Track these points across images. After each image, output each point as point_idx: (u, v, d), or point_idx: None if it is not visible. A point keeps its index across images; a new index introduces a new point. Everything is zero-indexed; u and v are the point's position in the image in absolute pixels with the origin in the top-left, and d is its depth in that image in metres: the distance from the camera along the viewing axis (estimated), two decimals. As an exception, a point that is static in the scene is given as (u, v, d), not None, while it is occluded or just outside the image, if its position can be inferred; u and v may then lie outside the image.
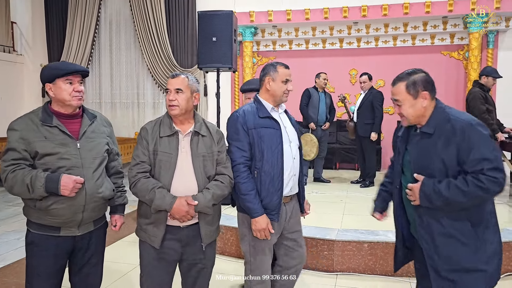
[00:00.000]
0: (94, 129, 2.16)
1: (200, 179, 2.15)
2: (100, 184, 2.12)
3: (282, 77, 2.39)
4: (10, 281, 3.47)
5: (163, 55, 8.40)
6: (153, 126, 2.18)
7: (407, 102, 1.99)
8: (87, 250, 2.18)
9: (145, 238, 2.17)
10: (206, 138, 2.21)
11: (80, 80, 2.10)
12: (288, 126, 2.47)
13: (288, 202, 2.46)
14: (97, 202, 2.12)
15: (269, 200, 2.33)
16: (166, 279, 2.22)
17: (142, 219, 2.20)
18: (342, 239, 3.63)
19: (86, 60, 8.95)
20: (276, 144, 2.33)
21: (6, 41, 8.86)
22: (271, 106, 2.42)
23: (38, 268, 2.08)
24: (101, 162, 2.15)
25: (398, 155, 2.11)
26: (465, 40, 7.61)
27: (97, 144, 2.15)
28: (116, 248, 4.32)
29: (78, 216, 2.05)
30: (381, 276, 3.54)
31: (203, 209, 2.12)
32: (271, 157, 2.32)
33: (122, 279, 3.53)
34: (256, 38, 8.41)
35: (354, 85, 8.19)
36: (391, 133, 8.16)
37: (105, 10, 8.95)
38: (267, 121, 2.36)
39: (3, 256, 4.02)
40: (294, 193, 2.49)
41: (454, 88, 7.80)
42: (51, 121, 2.03)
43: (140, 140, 2.17)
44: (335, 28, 8.06)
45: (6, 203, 6.27)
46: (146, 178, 2.11)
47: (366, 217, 4.55)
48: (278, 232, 2.44)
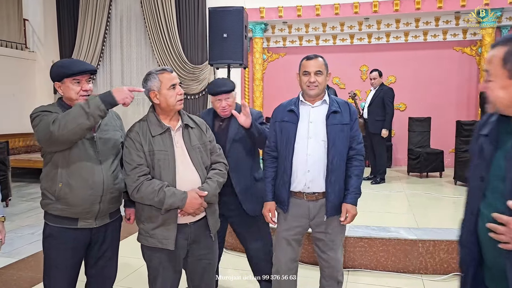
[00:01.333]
0: (107, 122, 2.19)
1: (200, 171, 2.16)
2: (116, 176, 2.15)
3: (302, 69, 2.37)
4: (25, 274, 3.52)
5: (173, 52, 8.42)
6: (141, 127, 2.12)
7: (498, 79, 1.32)
8: (103, 243, 2.20)
9: (155, 244, 2.10)
10: (195, 129, 2.22)
11: (88, 78, 2.11)
12: (316, 121, 2.34)
13: (315, 201, 2.36)
14: (113, 194, 2.14)
15: (279, 192, 2.42)
16: (177, 278, 2.23)
17: (147, 225, 2.12)
18: (354, 236, 3.63)
19: (97, 57, 9.01)
20: (289, 139, 2.35)
21: (18, 38, 8.95)
22: (302, 100, 2.41)
23: (56, 261, 2.10)
24: (116, 154, 2.18)
25: (481, 164, 1.41)
26: (478, 35, 7.52)
27: (112, 136, 2.18)
28: (129, 243, 4.35)
29: (95, 206, 2.08)
30: (392, 272, 3.53)
31: (211, 198, 2.14)
32: (282, 151, 2.38)
33: (135, 274, 3.56)
34: (266, 34, 8.39)
35: (364, 81, 8.14)
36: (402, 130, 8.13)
37: (115, 6, 9.00)
38: (290, 114, 2.38)
39: (18, 250, 4.08)
40: (317, 191, 2.34)
41: (467, 85, 7.72)
42: None
43: (131, 144, 2.07)
44: (346, 24, 8.01)
45: (20, 198, 6.36)
46: (149, 180, 2.04)
47: (378, 213, 4.57)
48: (296, 227, 2.43)
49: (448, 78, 7.79)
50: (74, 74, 2.04)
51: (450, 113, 7.67)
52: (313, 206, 2.38)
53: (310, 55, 2.41)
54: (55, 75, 2.07)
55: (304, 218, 2.40)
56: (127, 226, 2.46)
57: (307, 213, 2.39)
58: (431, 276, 3.45)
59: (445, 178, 6.61)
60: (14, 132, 8.21)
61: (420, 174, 6.70)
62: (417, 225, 4.08)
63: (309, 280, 3.16)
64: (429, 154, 6.63)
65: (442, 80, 7.80)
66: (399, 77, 7.99)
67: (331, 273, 2.46)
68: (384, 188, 5.85)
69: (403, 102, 7.93)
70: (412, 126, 7.09)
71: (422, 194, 5.46)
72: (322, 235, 2.42)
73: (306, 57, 2.40)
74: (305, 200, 2.37)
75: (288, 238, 2.45)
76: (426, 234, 3.61)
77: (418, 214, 4.48)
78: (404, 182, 6.32)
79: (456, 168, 6.11)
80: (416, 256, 3.51)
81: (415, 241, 3.52)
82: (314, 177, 2.33)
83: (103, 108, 1.92)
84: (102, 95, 1.96)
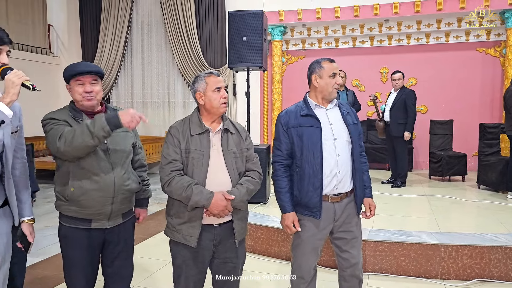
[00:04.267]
0: None
1: (232, 175, 2.18)
2: (127, 177, 2.18)
3: (328, 72, 2.35)
4: (49, 274, 3.61)
5: (193, 55, 8.50)
6: (182, 125, 2.21)
7: None
8: (118, 243, 2.23)
9: (179, 239, 2.16)
10: (235, 135, 2.25)
11: (93, 80, 2.11)
12: (336, 122, 2.37)
13: (339, 202, 2.37)
14: (125, 195, 2.17)
15: (308, 198, 2.32)
16: (201, 278, 2.24)
17: (174, 219, 2.19)
18: (374, 240, 3.59)
19: (119, 61, 9.17)
20: (315, 142, 2.30)
21: (43, 44, 9.18)
22: (315, 104, 2.39)
23: (73, 260, 2.15)
24: (127, 155, 2.22)
25: None
26: (502, 36, 7.36)
27: (123, 138, 2.21)
28: (146, 245, 4.41)
29: (107, 208, 2.11)
30: (414, 277, 3.47)
31: (238, 204, 2.14)
32: (308, 156, 2.30)
33: (153, 277, 3.60)
34: (285, 37, 8.39)
35: (385, 83, 8.06)
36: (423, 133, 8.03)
37: (137, 11, 9.15)
38: (307, 119, 2.34)
39: (43, 250, 4.18)
40: (343, 191, 2.36)
41: (491, 86, 7.56)
42: (81, 116, 2.11)
43: (170, 139, 2.17)
44: (366, 26, 7.95)
45: (44, 199, 6.51)
46: (180, 176, 2.11)
47: (399, 217, 4.51)
48: (323, 232, 2.40)
49: (471, 80, 7.64)
50: (75, 75, 2.07)
51: (473, 116, 7.52)
52: (338, 207, 2.37)
53: (327, 58, 2.42)
54: (64, 77, 2.13)
55: (331, 220, 2.38)
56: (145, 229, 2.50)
57: (333, 215, 2.37)
58: (453, 282, 3.39)
59: (468, 182, 6.48)
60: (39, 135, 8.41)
61: (442, 177, 6.58)
62: (439, 229, 4.00)
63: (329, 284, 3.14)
64: (451, 157, 6.51)
65: (464, 82, 7.66)
66: (420, 79, 7.88)
67: (353, 272, 2.43)
68: (405, 192, 5.77)
69: (424, 104, 7.82)
70: (434, 129, 6.97)
71: (444, 198, 5.36)
72: (344, 234, 2.41)
73: (327, 59, 2.40)
74: (329, 202, 2.35)
75: (318, 245, 2.42)
76: (448, 239, 3.54)
77: (440, 219, 4.40)
78: (425, 186, 6.22)
79: (480, 172, 5.98)
80: (438, 261, 3.45)
81: (437, 246, 3.46)
82: (343, 178, 2.35)
83: (107, 130, 1.94)
84: (109, 115, 1.97)
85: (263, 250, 4.00)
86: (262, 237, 4.01)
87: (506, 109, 5.28)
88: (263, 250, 4.00)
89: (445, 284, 3.35)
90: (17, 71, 1.81)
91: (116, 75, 9.25)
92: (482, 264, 3.40)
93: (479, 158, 6.05)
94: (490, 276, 3.40)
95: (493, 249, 3.39)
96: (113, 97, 9.44)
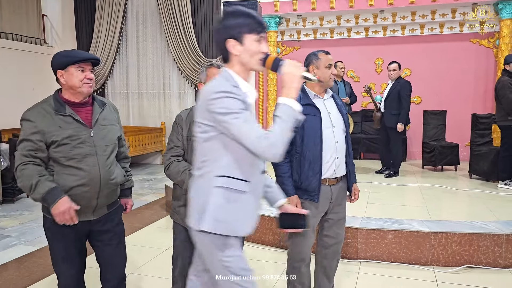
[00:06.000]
0: (105, 117, 2.19)
1: None
2: (113, 171, 2.17)
3: (325, 63, 2.49)
4: (46, 262, 3.64)
5: (188, 46, 8.49)
6: (187, 113, 2.33)
7: None
8: (105, 232, 2.24)
9: (178, 220, 2.32)
10: None
11: (91, 68, 2.12)
12: (333, 112, 2.54)
13: (335, 184, 2.54)
14: (110, 188, 2.18)
15: (308, 183, 2.46)
16: None
17: (175, 202, 2.35)
18: (366, 227, 3.66)
19: (114, 51, 9.14)
20: (316, 130, 2.43)
21: (38, 34, 9.13)
22: (313, 94, 2.52)
23: (59, 251, 2.15)
24: (113, 149, 2.20)
25: None
26: (495, 27, 7.40)
27: (109, 131, 2.19)
28: (142, 234, 4.47)
29: (93, 202, 2.11)
30: (405, 264, 3.55)
31: None
32: (309, 142, 2.44)
33: (150, 263, 3.66)
34: (280, 28, 8.40)
35: (379, 74, 8.11)
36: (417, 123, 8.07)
37: (131, 1, 9.09)
38: (307, 108, 2.44)
39: (39, 239, 4.22)
40: (340, 175, 2.55)
41: (484, 77, 7.62)
42: (64, 110, 2.06)
43: (175, 127, 2.29)
44: (361, 16, 7.97)
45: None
46: (179, 161, 2.25)
47: (391, 206, 4.59)
48: (321, 213, 2.55)
49: (464, 71, 7.70)
50: (79, 61, 2.06)
51: (466, 106, 7.59)
52: (334, 189, 2.54)
53: (323, 50, 2.58)
54: (58, 63, 2.08)
55: (327, 202, 2.54)
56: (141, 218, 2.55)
57: (329, 197, 2.53)
58: (443, 268, 3.47)
59: (460, 171, 6.57)
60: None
61: (434, 167, 6.66)
62: (430, 217, 4.08)
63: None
64: (444, 148, 6.59)
65: (458, 73, 7.72)
66: (414, 70, 7.93)
67: (337, 249, 2.65)
68: (398, 181, 5.85)
69: (418, 95, 7.88)
70: (427, 119, 7.04)
71: (436, 187, 5.44)
72: (335, 215, 2.60)
73: (323, 51, 2.55)
74: (327, 185, 2.50)
75: (314, 225, 2.57)
76: (438, 227, 3.62)
77: (431, 207, 4.49)
78: (418, 176, 6.31)
79: (472, 162, 6.07)
80: (428, 248, 3.53)
81: (427, 233, 3.53)
82: (341, 163, 2.53)
83: (39, 199, 1.97)
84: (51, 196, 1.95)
85: (257, 238, 4.06)
86: (257, 225, 4.06)
87: (497, 99, 5.34)
88: (257, 238, 4.06)
89: (435, 271, 3.44)
90: (292, 61, 1.65)
91: (112, 65, 9.22)
92: (470, 251, 3.48)
93: (471, 148, 6.13)
94: (478, 263, 3.48)
95: (481, 236, 3.47)
96: (109, 87, 9.42)
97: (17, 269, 3.58)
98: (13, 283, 3.30)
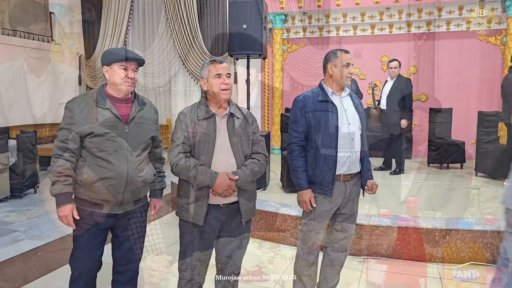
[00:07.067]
0: (142, 115, 2.28)
1: (238, 157, 2.26)
2: (142, 168, 2.24)
3: (343, 62, 2.52)
4: (53, 256, 3.71)
5: (194, 42, 8.51)
6: (190, 110, 2.31)
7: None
8: (128, 228, 2.30)
9: (188, 218, 2.26)
10: (241, 120, 2.34)
11: (135, 68, 2.21)
12: (349, 109, 2.57)
13: (349, 180, 2.56)
14: (137, 185, 2.23)
15: (323, 177, 2.49)
16: (206, 258, 2.33)
17: (183, 200, 2.29)
18: (371, 224, 3.67)
19: (120, 49, 9.18)
20: (332, 126, 2.47)
21: (45, 31, 9.20)
22: (331, 91, 2.56)
23: (81, 242, 2.23)
24: (145, 147, 2.28)
25: None
26: (503, 24, 7.35)
27: (144, 129, 2.27)
28: (149, 228, 4.50)
29: (119, 196, 2.18)
30: (408, 260, 3.56)
31: (242, 184, 2.22)
32: (325, 138, 2.48)
33: (157, 257, 3.70)
34: (286, 25, 8.39)
35: (385, 72, 8.07)
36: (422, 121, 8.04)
37: (138, -1, 9.14)
38: (325, 104, 2.51)
39: (46, 234, 4.26)
40: (354, 172, 2.57)
41: (491, 75, 7.57)
42: (105, 103, 2.17)
43: (179, 124, 2.28)
44: (367, 14, 7.95)
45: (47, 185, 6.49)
46: (188, 157, 2.22)
47: (396, 203, 4.58)
48: (334, 207, 2.57)
49: (471, 68, 7.66)
50: (123, 59, 2.16)
51: (472, 104, 7.55)
52: (348, 185, 2.56)
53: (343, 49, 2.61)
54: (105, 59, 2.20)
55: (341, 197, 2.56)
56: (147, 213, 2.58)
57: (343, 192, 2.55)
58: (447, 265, 3.47)
59: (466, 169, 6.54)
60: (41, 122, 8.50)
61: (440, 165, 6.64)
62: (434, 214, 4.08)
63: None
64: (450, 145, 6.56)
65: (464, 70, 7.68)
66: (420, 67, 7.90)
67: (347, 244, 2.66)
68: (403, 179, 5.84)
69: (424, 92, 7.85)
70: (433, 117, 7.01)
71: (441, 185, 5.43)
72: (347, 210, 2.62)
73: (343, 50, 2.58)
74: (341, 181, 2.53)
75: (328, 218, 2.60)
76: (443, 224, 3.62)
77: (436, 204, 4.48)
78: (424, 173, 6.29)
79: (478, 160, 6.04)
80: (432, 245, 3.53)
81: (431, 230, 3.54)
82: (355, 160, 2.55)
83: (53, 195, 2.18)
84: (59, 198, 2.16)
85: (262, 234, 4.09)
86: (261, 222, 4.09)
87: (503, 97, 5.31)
88: (262, 234, 4.09)
89: (439, 267, 3.44)
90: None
91: (118, 62, 9.27)
92: (475, 248, 3.48)
93: (477, 146, 6.09)
94: (482, 260, 3.48)
95: (486, 233, 3.47)
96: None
97: (24, 263, 3.63)
98: (21, 276, 3.35)
